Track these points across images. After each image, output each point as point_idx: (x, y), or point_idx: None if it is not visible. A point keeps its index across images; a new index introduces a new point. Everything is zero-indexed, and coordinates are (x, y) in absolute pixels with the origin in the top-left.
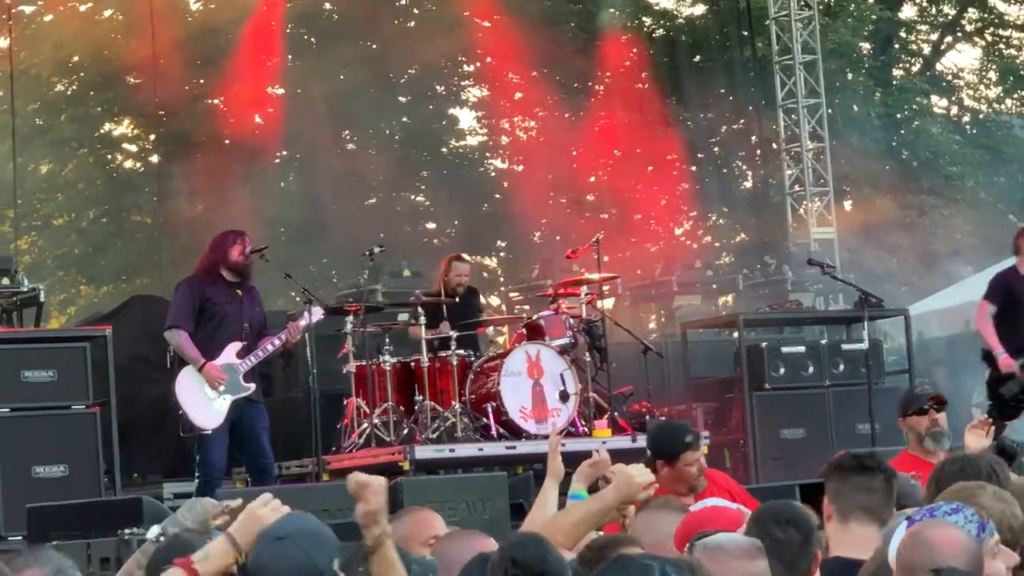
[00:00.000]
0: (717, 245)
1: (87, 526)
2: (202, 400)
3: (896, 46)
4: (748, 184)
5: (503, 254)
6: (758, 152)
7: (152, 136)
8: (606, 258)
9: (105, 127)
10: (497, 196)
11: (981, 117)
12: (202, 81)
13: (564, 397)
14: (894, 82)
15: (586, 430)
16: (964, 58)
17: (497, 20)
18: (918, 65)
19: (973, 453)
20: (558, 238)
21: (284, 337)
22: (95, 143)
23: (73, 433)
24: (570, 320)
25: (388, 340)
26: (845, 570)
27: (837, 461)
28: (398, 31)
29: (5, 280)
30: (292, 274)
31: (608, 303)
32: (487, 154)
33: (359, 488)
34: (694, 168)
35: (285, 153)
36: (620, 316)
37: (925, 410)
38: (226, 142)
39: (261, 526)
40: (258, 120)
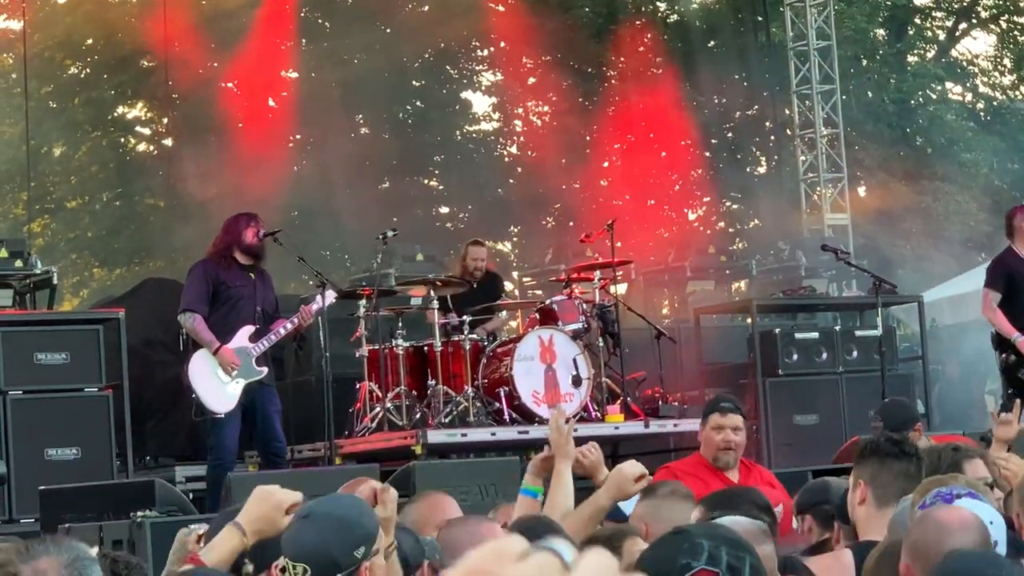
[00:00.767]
0: (731, 231)
1: (100, 509)
2: (215, 384)
3: (911, 32)
4: (762, 170)
5: (516, 239)
6: (772, 138)
7: (165, 119)
8: (619, 243)
9: (118, 110)
10: (511, 181)
11: (996, 104)
12: (216, 64)
13: (577, 382)
14: (909, 68)
15: (599, 415)
16: (979, 44)
17: (511, 5)
18: (933, 51)
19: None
20: (571, 223)
21: (296, 321)
22: (108, 126)
23: (86, 416)
24: (583, 305)
25: (401, 324)
26: None
27: (874, 446)
28: (412, 15)
29: (18, 262)
30: (305, 258)
31: (621, 288)
32: (501, 139)
33: (381, 492)
34: (708, 154)
35: (298, 137)
36: (633, 301)
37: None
38: (239, 125)
39: (269, 507)
40: (272, 104)
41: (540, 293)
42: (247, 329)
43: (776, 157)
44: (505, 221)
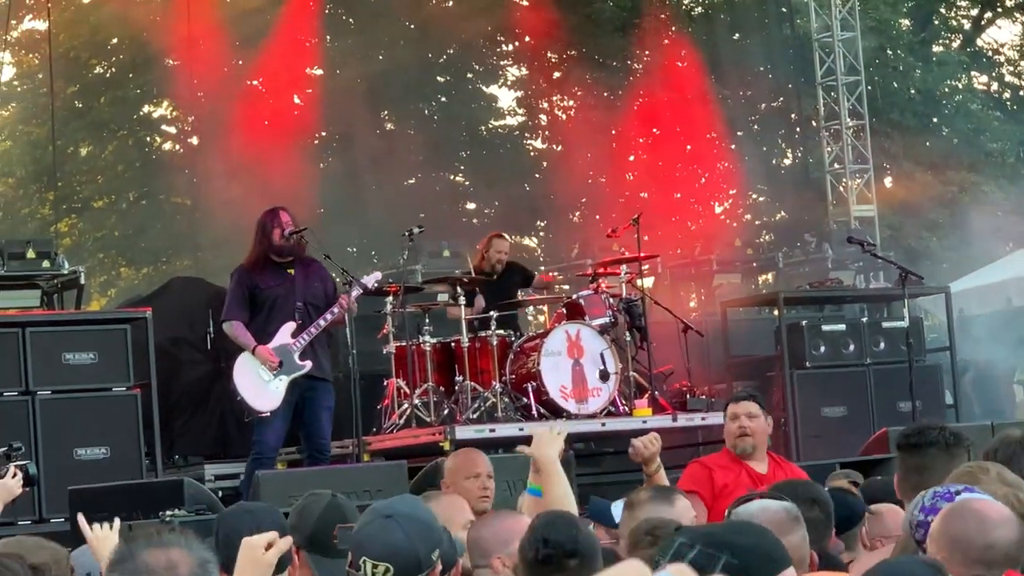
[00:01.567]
0: (757, 223)
1: (129, 508)
2: (258, 383)
3: (936, 22)
4: (788, 162)
5: (543, 234)
6: (797, 130)
7: (191, 118)
8: (646, 237)
9: (144, 109)
10: (536, 176)
11: (1022, 93)
12: (240, 62)
13: (604, 376)
14: (934, 58)
15: (627, 409)
16: (1004, 34)
17: None
18: (958, 41)
19: (1008, 434)
20: (597, 217)
21: (336, 311)
22: (134, 125)
23: (114, 415)
24: (610, 299)
25: (428, 320)
26: None
27: (926, 436)
28: (436, 10)
29: (46, 263)
30: (331, 255)
31: (648, 282)
32: (526, 134)
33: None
34: (733, 146)
35: (324, 134)
36: (660, 295)
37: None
38: (265, 123)
39: (250, 554)
40: (297, 101)
41: (567, 288)
42: (288, 326)
43: (802, 149)
44: (531, 216)
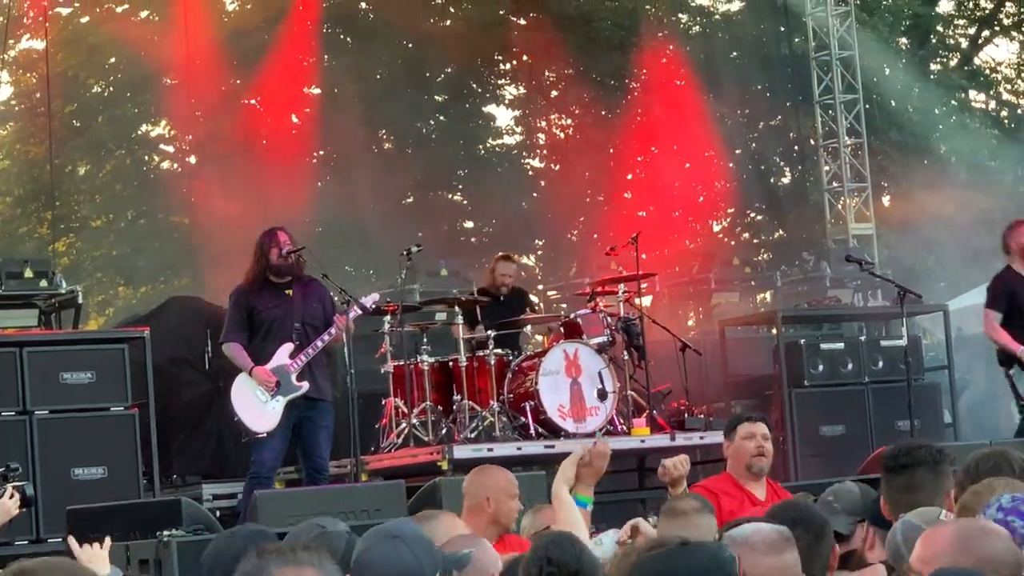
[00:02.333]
0: (755, 242)
1: (126, 528)
2: (255, 404)
3: (933, 41)
4: (786, 180)
5: (540, 252)
6: (796, 148)
7: (189, 137)
8: (644, 255)
9: (142, 128)
10: (534, 194)
11: (1020, 111)
12: (238, 81)
13: (602, 395)
14: (932, 77)
15: (624, 428)
16: (1002, 52)
17: (533, 18)
18: (956, 60)
19: (1005, 448)
20: (595, 236)
21: (333, 332)
22: (132, 144)
23: (112, 435)
24: (608, 318)
25: (426, 340)
26: None
27: (914, 456)
28: (434, 29)
29: (43, 282)
30: (329, 274)
31: (646, 301)
32: (524, 152)
33: None
34: (732, 165)
35: (322, 153)
36: (658, 314)
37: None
38: (263, 142)
39: None
40: (294, 120)
41: (565, 307)
42: (287, 347)
43: (800, 167)
44: (529, 235)
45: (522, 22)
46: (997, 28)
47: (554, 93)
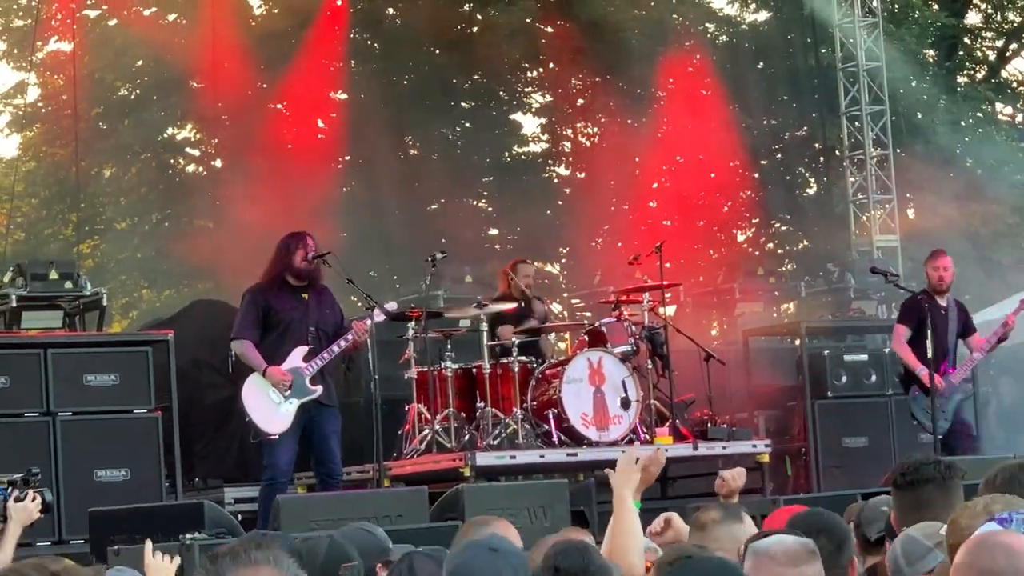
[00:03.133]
0: (780, 252)
1: (148, 531)
2: (268, 405)
3: (960, 53)
4: (811, 191)
5: (565, 260)
6: (821, 159)
7: (215, 140)
8: (668, 265)
9: (168, 131)
10: (560, 202)
11: None
12: (265, 86)
13: (625, 404)
14: (958, 89)
15: (648, 438)
16: None
17: (560, 26)
18: (983, 72)
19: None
20: (620, 244)
21: (351, 338)
22: (158, 147)
23: (135, 437)
24: (632, 327)
25: (450, 346)
26: None
27: (922, 473)
28: (461, 36)
29: (68, 284)
30: (354, 280)
31: (670, 310)
32: (550, 160)
33: None
34: (757, 175)
35: (347, 158)
36: (682, 323)
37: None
38: (288, 147)
39: None
40: (321, 125)
41: (589, 315)
42: (300, 350)
43: (825, 178)
44: (554, 242)
45: (549, 30)
46: None
47: (580, 101)
